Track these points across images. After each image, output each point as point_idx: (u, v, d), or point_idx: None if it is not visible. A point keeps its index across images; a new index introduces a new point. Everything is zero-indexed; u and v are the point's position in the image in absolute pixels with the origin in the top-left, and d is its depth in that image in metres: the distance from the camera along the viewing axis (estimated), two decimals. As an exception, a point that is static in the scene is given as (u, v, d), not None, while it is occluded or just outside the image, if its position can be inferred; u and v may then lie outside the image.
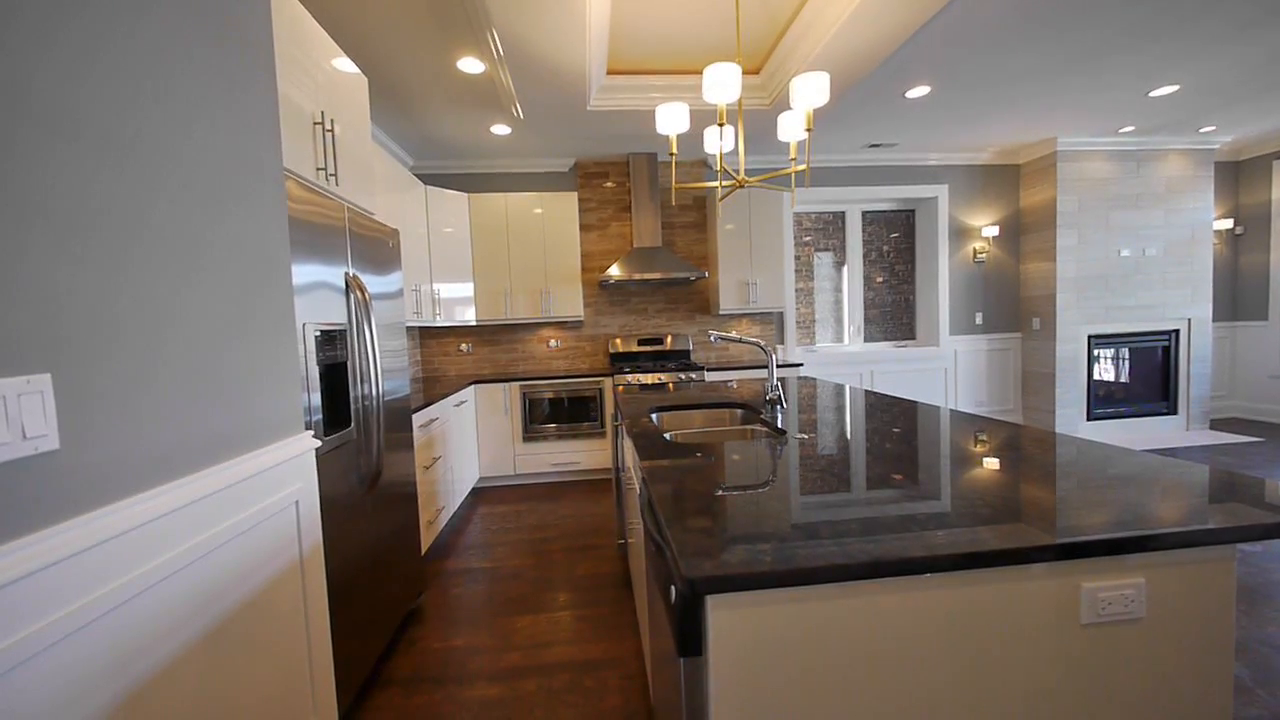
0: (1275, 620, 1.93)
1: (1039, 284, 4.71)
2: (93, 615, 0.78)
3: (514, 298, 4.17)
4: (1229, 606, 0.84)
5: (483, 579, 2.54)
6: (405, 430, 2.26)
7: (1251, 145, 4.93)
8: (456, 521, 3.35)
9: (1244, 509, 0.85)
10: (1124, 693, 0.82)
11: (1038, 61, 3.05)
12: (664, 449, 1.38)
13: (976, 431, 1.45)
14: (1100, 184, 4.51)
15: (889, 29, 2.53)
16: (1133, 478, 1.02)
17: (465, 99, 3.24)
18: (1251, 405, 5.14)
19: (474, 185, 4.41)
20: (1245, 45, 2.97)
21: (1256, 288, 5.07)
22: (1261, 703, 1.55)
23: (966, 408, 4.89)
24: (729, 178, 2.21)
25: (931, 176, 4.80)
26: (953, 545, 0.76)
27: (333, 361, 1.64)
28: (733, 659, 0.74)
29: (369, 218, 1.98)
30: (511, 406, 3.94)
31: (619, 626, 2.08)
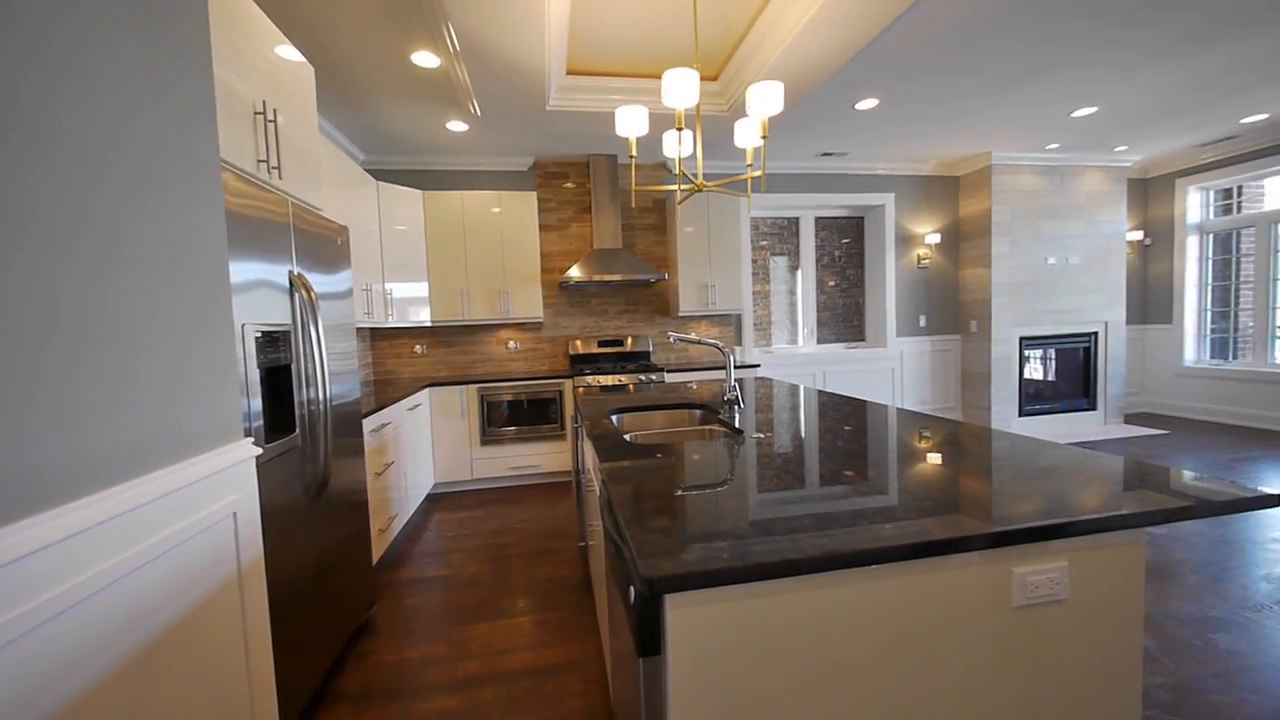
0: (1178, 596, 2.12)
1: (976, 289, 5.01)
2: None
3: (471, 298, 4.08)
4: (1139, 585, 0.92)
5: (438, 587, 2.47)
6: (355, 436, 2.17)
7: (1158, 164, 5.43)
8: (411, 529, 3.24)
9: (1152, 495, 0.94)
10: (1051, 668, 0.89)
11: (974, 81, 3.25)
12: (624, 450, 1.38)
13: (921, 429, 1.52)
14: (1029, 196, 4.85)
15: (837, 44, 2.64)
16: (1058, 469, 1.10)
17: (420, 93, 3.15)
18: (1159, 400, 5.64)
19: (429, 182, 4.29)
20: (1151, 73, 3.26)
21: (1162, 293, 5.58)
22: (1167, 671, 1.70)
23: (911, 406, 5.14)
24: (687, 182, 2.25)
25: (879, 185, 5.02)
26: (898, 537, 0.80)
27: (275, 364, 1.56)
28: (691, 656, 0.76)
29: (315, 213, 1.89)
30: (469, 409, 3.85)
31: (579, 629, 2.07)
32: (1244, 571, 2.29)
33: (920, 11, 2.42)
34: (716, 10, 2.65)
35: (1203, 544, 2.56)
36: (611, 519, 0.99)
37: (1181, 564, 2.38)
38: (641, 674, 0.81)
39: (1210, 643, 1.83)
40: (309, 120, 2.00)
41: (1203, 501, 0.90)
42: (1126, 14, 2.57)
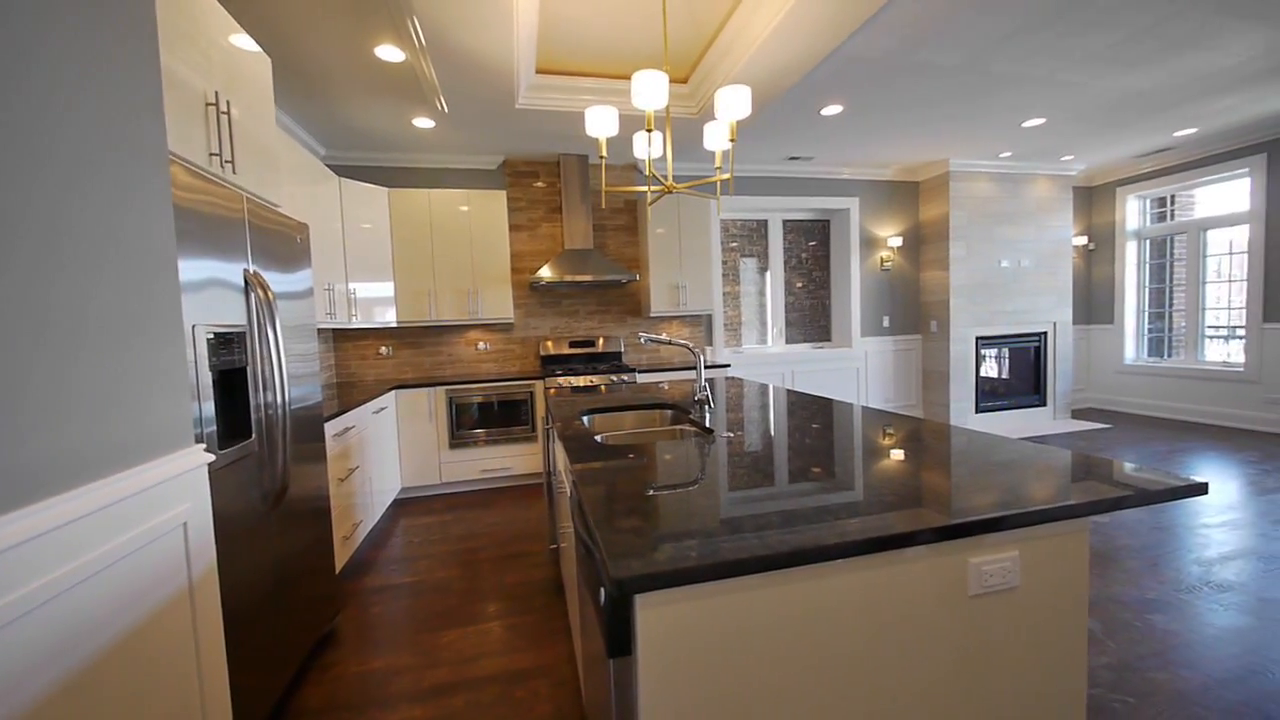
0: (1120, 580, 2.25)
1: (935, 290, 5.20)
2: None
3: (439, 298, 3.99)
4: (1084, 571, 0.97)
5: (405, 595, 2.41)
6: (316, 440, 2.10)
7: (1101, 174, 5.75)
8: (376, 535, 3.15)
9: (1096, 486, 0.99)
10: (1005, 652, 0.93)
11: (932, 90, 3.37)
12: (595, 451, 1.38)
13: (884, 426, 1.57)
14: (985, 202, 5.06)
15: (803, 50, 2.70)
16: (1011, 463, 1.15)
17: (385, 88, 3.07)
18: (1103, 396, 5.97)
19: (395, 180, 4.18)
20: (1093, 87, 3.45)
21: (1105, 295, 5.91)
22: (1111, 651, 1.80)
23: (876, 404, 5.30)
24: (657, 183, 2.26)
25: (844, 190, 5.16)
26: (862, 532, 0.83)
27: (230, 367, 1.49)
28: (661, 655, 0.76)
29: (273, 210, 1.82)
30: (437, 412, 3.77)
31: (551, 633, 2.05)
32: (1178, 555, 2.45)
33: (881, 22, 2.50)
34: (687, 13, 2.68)
35: (1142, 530, 2.73)
36: (582, 520, 0.98)
37: (1123, 550, 2.53)
38: (612, 675, 0.82)
39: (1148, 623, 1.95)
40: (266, 113, 1.92)
41: (1140, 491, 0.96)
42: (1070, 30, 2.71)
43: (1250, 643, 1.82)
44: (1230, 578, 2.24)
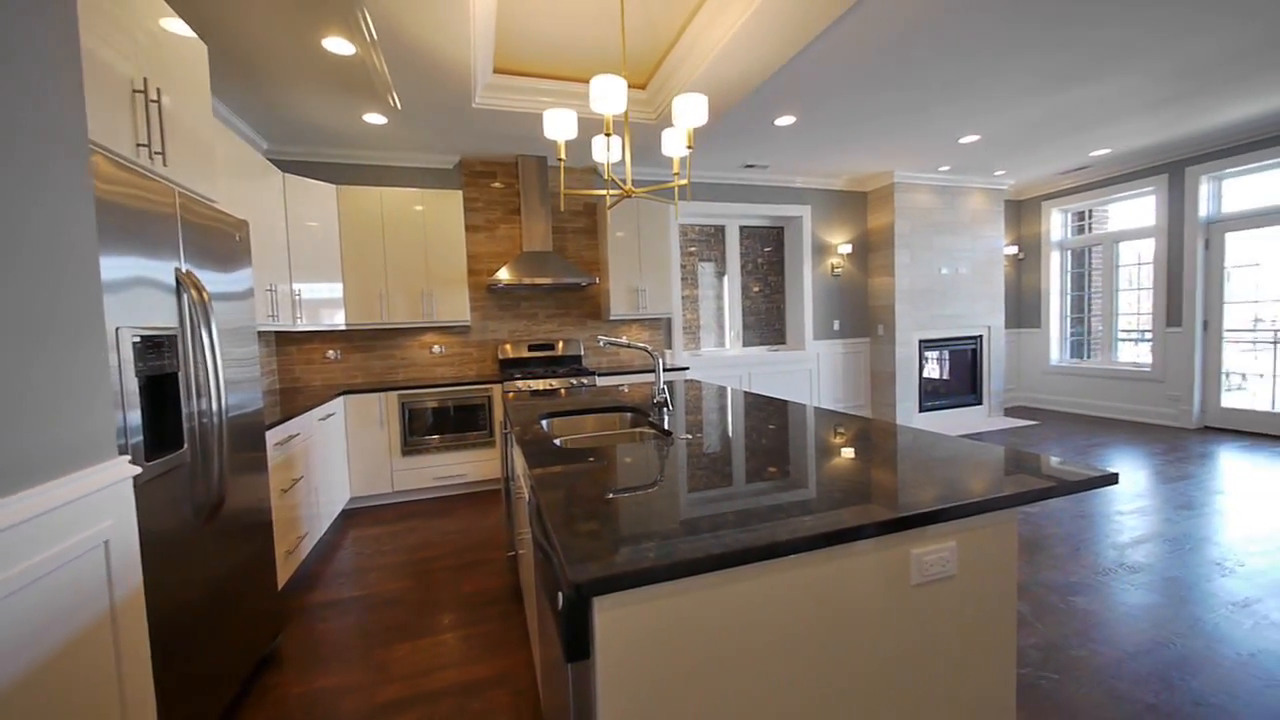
0: (1047, 565, 2.43)
1: (882, 295, 5.45)
2: None
3: (391, 300, 3.86)
4: (1013, 558, 1.04)
5: (354, 609, 2.31)
6: (257, 449, 1.98)
7: (1028, 188, 6.19)
8: (323, 548, 3.00)
9: (1025, 478, 1.07)
10: (943, 637, 0.99)
11: (878, 104, 3.54)
12: (554, 455, 1.37)
13: (836, 426, 1.64)
14: (926, 212, 5.36)
15: (757, 63, 2.79)
16: (951, 459, 1.22)
17: (333, 82, 2.94)
18: (1031, 395, 6.42)
19: (344, 176, 4.02)
20: (1020, 108, 3.73)
21: (1033, 301, 6.36)
22: (1039, 633, 1.94)
23: (827, 404, 5.50)
24: (616, 187, 2.27)
25: (797, 198, 5.34)
26: (814, 528, 0.86)
27: (159, 372, 1.40)
28: (619, 656, 0.77)
29: (209, 205, 1.71)
30: (389, 418, 3.63)
31: (509, 641, 2.02)
32: (1097, 541, 2.67)
33: (831, 37, 2.61)
34: (645, 20, 2.71)
35: (1066, 519, 2.95)
36: (540, 525, 0.98)
37: (1050, 537, 2.72)
38: (570, 680, 0.81)
39: (1071, 604, 2.11)
40: (201, 103, 1.81)
41: (1062, 482, 1.04)
42: (1000, 53, 2.92)
43: (1157, 618, 2.00)
44: (1140, 559, 2.46)
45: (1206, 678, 1.68)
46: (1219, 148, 4.66)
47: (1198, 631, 1.91)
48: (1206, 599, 2.11)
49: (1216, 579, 2.26)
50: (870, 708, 0.93)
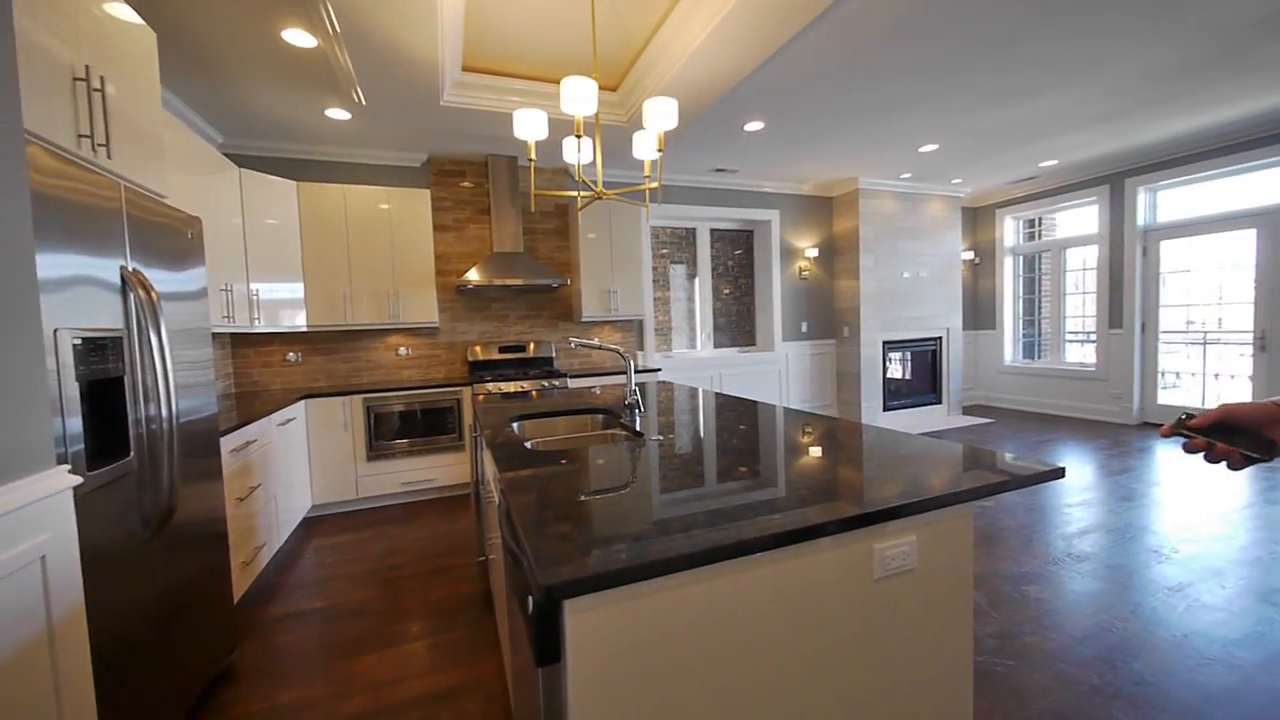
0: (1003, 557, 2.54)
1: (847, 298, 5.61)
2: None
3: (356, 301, 3.75)
4: (969, 550, 1.09)
5: (316, 621, 2.23)
6: (211, 456, 1.90)
7: (984, 196, 6.47)
8: (284, 558, 2.89)
9: (981, 474, 1.12)
10: (904, 629, 1.02)
11: (843, 113, 3.65)
12: (524, 458, 1.36)
13: (804, 426, 1.68)
14: (889, 218, 5.54)
15: (727, 68, 2.83)
16: (913, 456, 1.26)
17: (293, 75, 2.85)
18: (987, 394, 6.71)
19: (306, 173, 3.88)
20: (973, 120, 3.90)
21: (988, 304, 6.65)
22: (995, 621, 2.03)
23: (796, 404, 5.61)
24: (587, 189, 2.27)
25: (766, 202, 5.44)
26: (780, 525, 0.88)
27: (103, 377, 1.32)
28: (590, 659, 0.77)
29: (158, 201, 1.63)
30: (353, 422, 3.53)
31: (479, 647, 1.98)
32: (1047, 532, 2.81)
33: (797, 46, 2.68)
34: (616, 22, 2.72)
35: (1020, 512, 3.09)
36: (510, 529, 0.97)
37: (1005, 530, 2.85)
38: (540, 684, 0.81)
39: (1024, 594, 2.21)
40: (149, 93, 1.72)
41: (1014, 476, 1.09)
42: (952, 70, 3.05)
43: (1101, 603, 2.12)
44: (1087, 549, 2.60)
45: (1145, 659, 1.78)
46: (1155, 161, 4.98)
47: (1138, 615, 2.03)
48: (1145, 584, 2.25)
49: (1154, 565, 2.41)
50: (837, 699, 0.96)
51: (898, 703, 1.02)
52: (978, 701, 1.61)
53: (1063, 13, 2.52)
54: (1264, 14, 2.61)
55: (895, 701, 1.02)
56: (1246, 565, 2.38)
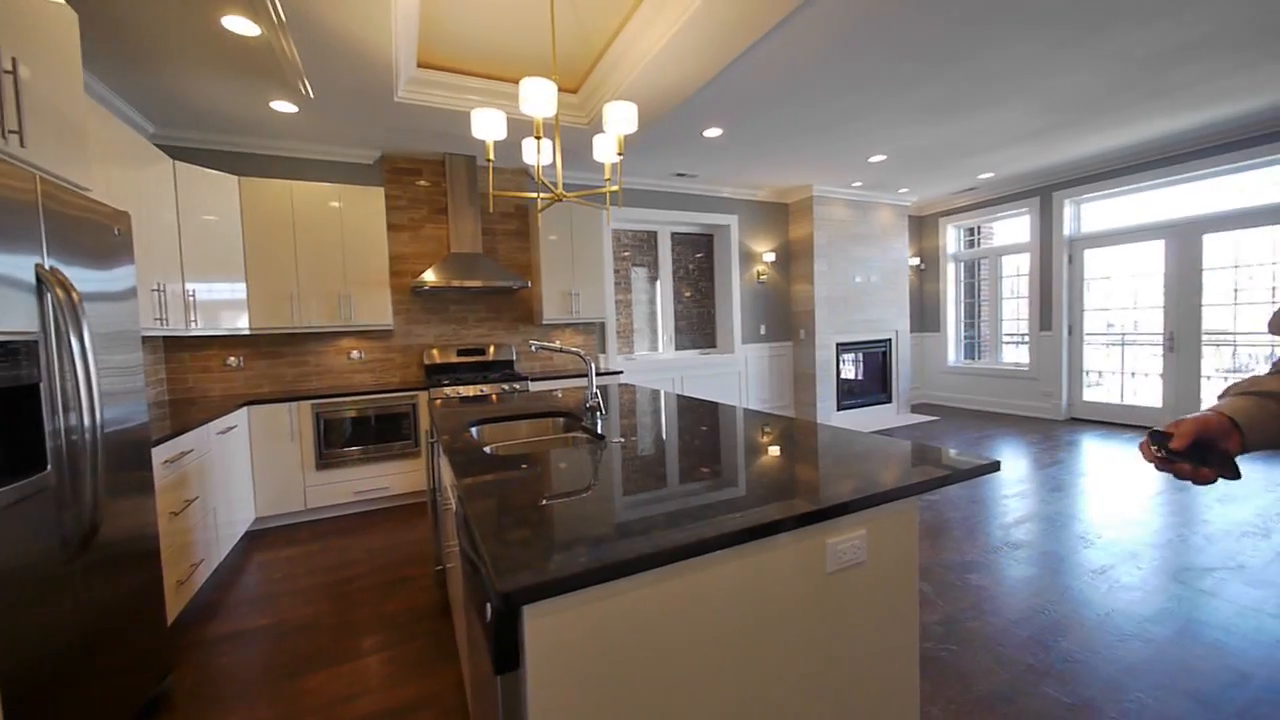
0: (947, 548, 2.68)
1: (803, 301, 5.79)
2: None
3: (304, 302, 3.58)
4: (914, 541, 1.15)
5: (261, 640, 2.12)
6: (141, 469, 1.77)
7: (928, 205, 6.82)
8: (223, 575, 2.72)
9: (927, 469, 1.18)
10: (856, 619, 1.07)
11: (797, 122, 3.77)
12: (483, 463, 1.34)
13: (763, 426, 1.72)
14: (842, 224, 5.76)
15: (686, 74, 2.88)
16: (866, 454, 1.32)
17: (234, 64, 2.70)
18: (933, 393, 7.06)
19: (249, 167, 3.69)
20: (917, 134, 4.11)
21: (933, 308, 7.01)
22: (940, 609, 2.14)
23: (755, 405, 5.74)
24: (548, 190, 2.26)
25: (725, 207, 5.55)
26: (739, 523, 0.90)
27: (15, 384, 1.22)
28: (551, 664, 0.76)
29: (80, 194, 1.52)
30: (301, 429, 3.37)
31: (437, 659, 1.93)
32: (987, 522, 2.98)
33: (753, 57, 2.75)
34: (576, 23, 2.72)
35: (963, 504, 3.27)
36: (468, 536, 0.95)
37: (949, 521, 3.01)
38: (499, 692, 0.80)
39: (966, 581, 2.34)
40: (69, 77, 1.60)
41: (956, 470, 1.16)
42: (897, 85, 3.21)
43: (1035, 588, 2.27)
44: (1022, 537, 2.78)
45: (1073, 638, 1.92)
46: (1079, 176, 5.38)
47: (1067, 598, 2.19)
48: (1073, 569, 2.42)
49: (1081, 550, 2.60)
50: (794, 690, 0.99)
51: (850, 690, 1.06)
52: (924, 685, 1.70)
53: (995, 36, 2.70)
54: (1167, 46, 2.88)
55: (848, 689, 1.06)
56: (1159, 548, 2.60)
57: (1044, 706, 1.60)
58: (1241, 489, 3.34)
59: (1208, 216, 4.65)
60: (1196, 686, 1.66)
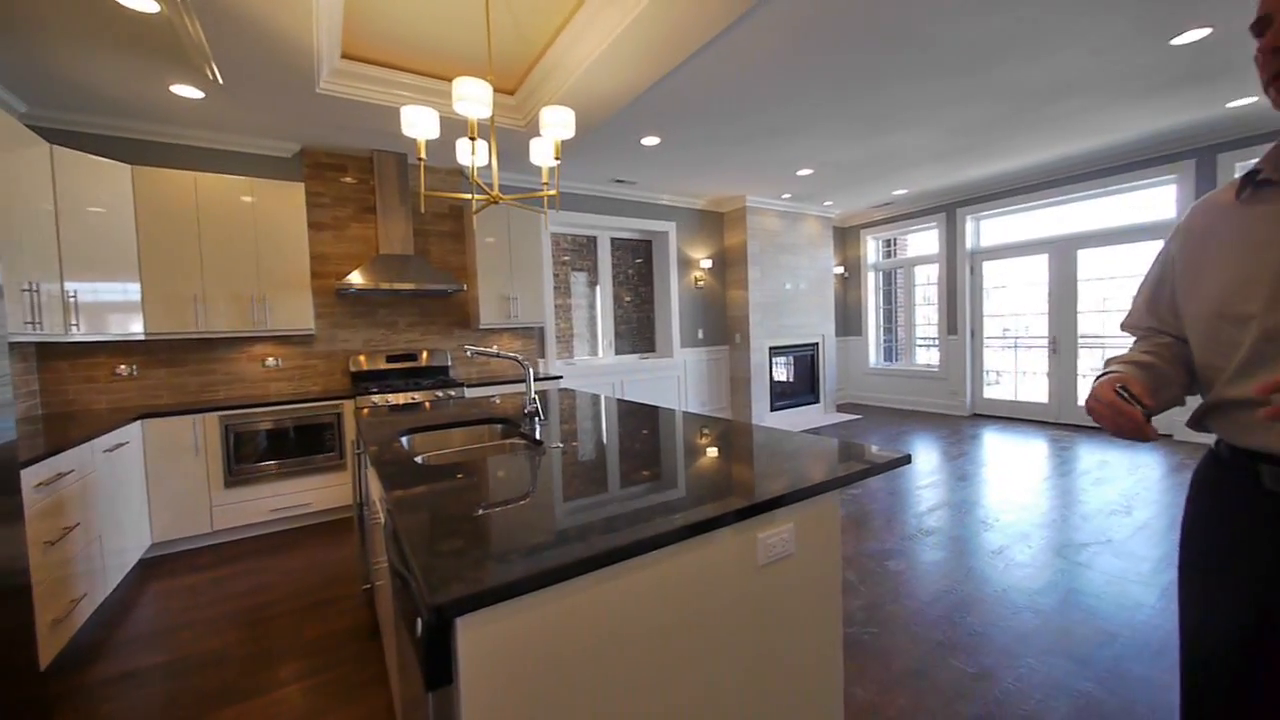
0: (869, 537, 2.87)
1: (738, 307, 6.00)
2: None
3: (210, 305, 3.28)
4: (838, 533, 1.23)
5: (157, 680, 1.91)
6: (7, 494, 1.56)
7: (851, 218, 7.29)
8: (111, 610, 2.43)
9: (851, 464, 1.26)
10: (786, 608, 1.13)
11: (729, 136, 3.92)
12: (414, 474, 1.29)
13: (701, 428, 1.77)
14: (773, 234, 6.03)
15: (623, 83, 2.93)
16: (796, 452, 1.39)
17: (127, 41, 2.44)
18: (856, 393, 7.53)
19: (145, 155, 3.33)
20: (839, 151, 4.40)
21: (856, 313, 7.49)
22: (863, 595, 2.29)
23: (694, 408, 5.88)
24: (483, 192, 2.22)
25: (664, 214, 5.66)
26: (671, 524, 0.93)
27: None
28: (485, 676, 0.75)
29: (-73, 181, 1.32)
30: (207, 444, 3.08)
31: (365, 684, 1.83)
32: (903, 512, 3.22)
33: (689, 70, 2.84)
34: (512, 23, 2.68)
35: (882, 496, 3.51)
36: (397, 550, 0.92)
37: (871, 512, 3.22)
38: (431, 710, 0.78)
39: (885, 568, 2.52)
40: (-87, 46, 1.39)
41: (873, 465, 1.25)
42: (821, 104, 3.43)
43: (945, 570, 2.48)
44: (934, 524, 3.02)
45: (977, 614, 2.12)
46: (978, 195, 5.95)
47: (971, 577, 2.41)
48: (976, 550, 2.67)
49: (982, 533, 2.87)
50: (729, 679, 1.03)
51: (781, 677, 1.12)
52: (849, 666, 1.81)
53: (905, 69, 2.94)
54: (1047, 84, 3.26)
55: (778, 676, 1.12)
56: (1045, 527, 2.92)
57: (952, 677, 1.76)
58: (1109, 472, 3.82)
59: (1082, 234, 5.30)
60: (1074, 648, 1.88)
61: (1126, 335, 1.07)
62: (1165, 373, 0.91)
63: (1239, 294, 0.79)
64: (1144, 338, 1.01)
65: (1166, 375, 0.91)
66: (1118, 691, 1.67)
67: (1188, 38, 2.78)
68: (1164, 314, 0.97)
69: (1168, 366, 0.92)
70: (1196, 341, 0.88)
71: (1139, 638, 1.92)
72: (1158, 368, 0.92)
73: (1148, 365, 0.92)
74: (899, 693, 1.70)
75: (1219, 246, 0.85)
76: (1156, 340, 0.97)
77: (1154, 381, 0.90)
